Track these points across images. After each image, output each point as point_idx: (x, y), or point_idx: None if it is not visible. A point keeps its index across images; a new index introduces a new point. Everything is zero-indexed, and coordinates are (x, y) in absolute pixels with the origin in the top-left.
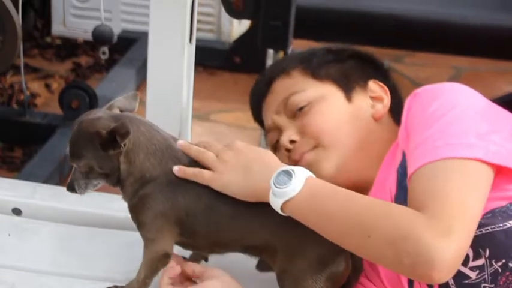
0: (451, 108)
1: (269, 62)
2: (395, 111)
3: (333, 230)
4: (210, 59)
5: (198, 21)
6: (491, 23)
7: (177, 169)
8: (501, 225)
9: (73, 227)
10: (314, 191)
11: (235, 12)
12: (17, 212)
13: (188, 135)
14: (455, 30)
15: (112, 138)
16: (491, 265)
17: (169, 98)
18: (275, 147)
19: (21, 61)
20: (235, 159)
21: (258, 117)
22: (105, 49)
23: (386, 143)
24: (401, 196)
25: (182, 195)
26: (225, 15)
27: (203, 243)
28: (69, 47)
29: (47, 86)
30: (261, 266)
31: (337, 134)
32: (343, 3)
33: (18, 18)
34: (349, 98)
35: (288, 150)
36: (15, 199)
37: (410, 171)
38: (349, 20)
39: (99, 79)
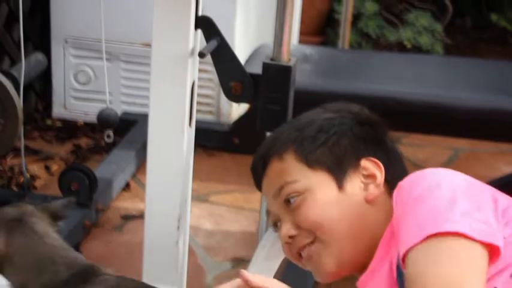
0: (434, 189)
1: None
2: (394, 182)
3: None
4: (209, 140)
5: (198, 103)
6: (489, 106)
7: None
8: None
9: None
10: None
11: (234, 96)
12: None
13: (187, 217)
14: (454, 112)
15: None
16: None
17: (168, 180)
18: (276, 226)
19: (22, 143)
20: None
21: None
22: (110, 132)
23: (382, 223)
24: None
25: None
26: (224, 97)
27: None
28: (69, 129)
29: (47, 168)
30: None
31: (332, 228)
32: (341, 86)
33: (19, 101)
34: (341, 186)
35: (288, 243)
36: None
37: (402, 252)
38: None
39: (99, 161)
